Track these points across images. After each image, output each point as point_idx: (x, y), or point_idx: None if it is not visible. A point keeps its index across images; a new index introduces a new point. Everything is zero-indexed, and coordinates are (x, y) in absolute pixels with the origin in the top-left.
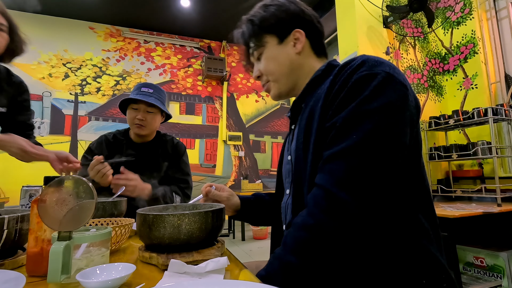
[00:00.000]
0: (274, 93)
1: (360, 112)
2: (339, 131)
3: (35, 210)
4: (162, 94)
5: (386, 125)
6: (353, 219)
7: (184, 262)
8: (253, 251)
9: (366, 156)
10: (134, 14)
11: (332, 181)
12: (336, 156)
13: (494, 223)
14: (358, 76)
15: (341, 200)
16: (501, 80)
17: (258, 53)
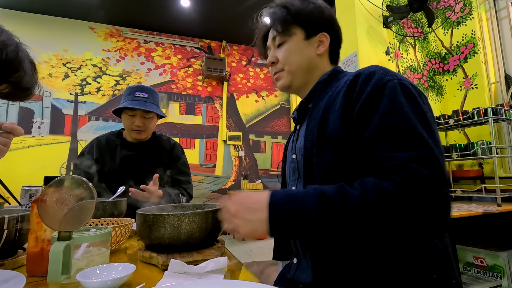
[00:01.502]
0: (284, 83)
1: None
2: (402, 134)
3: (35, 210)
4: (156, 96)
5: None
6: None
7: (184, 262)
8: (253, 251)
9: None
10: (134, 14)
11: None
12: (419, 158)
13: (494, 223)
14: (392, 84)
15: (441, 190)
16: (501, 80)
17: (281, 41)
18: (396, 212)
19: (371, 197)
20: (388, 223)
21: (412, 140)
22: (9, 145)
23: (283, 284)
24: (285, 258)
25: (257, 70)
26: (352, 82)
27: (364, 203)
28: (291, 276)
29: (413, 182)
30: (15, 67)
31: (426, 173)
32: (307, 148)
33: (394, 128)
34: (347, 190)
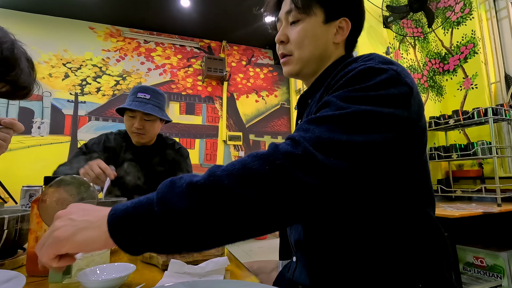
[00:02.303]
0: (292, 70)
1: (358, 95)
2: (328, 105)
3: (35, 210)
4: (161, 98)
5: (380, 112)
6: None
7: (184, 262)
8: (253, 251)
9: (355, 129)
10: (134, 14)
11: (309, 138)
12: (320, 119)
13: (494, 223)
14: (363, 67)
15: (317, 160)
16: (501, 80)
17: (296, 18)
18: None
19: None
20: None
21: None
22: (9, 141)
23: (283, 284)
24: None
25: (257, 70)
26: (340, 69)
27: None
28: (290, 275)
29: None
30: (11, 65)
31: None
32: None
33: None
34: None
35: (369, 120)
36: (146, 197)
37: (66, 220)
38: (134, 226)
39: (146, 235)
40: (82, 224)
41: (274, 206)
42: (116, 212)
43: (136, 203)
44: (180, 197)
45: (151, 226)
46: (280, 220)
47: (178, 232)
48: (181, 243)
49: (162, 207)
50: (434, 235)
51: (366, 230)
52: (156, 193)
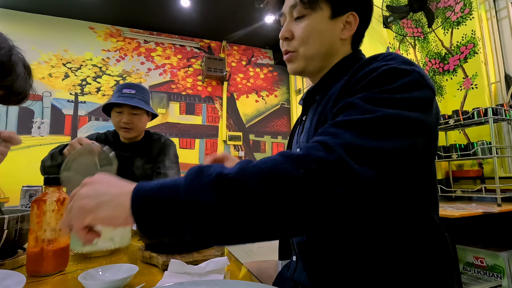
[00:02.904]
0: (297, 68)
1: (384, 97)
2: (354, 106)
3: (35, 210)
4: (145, 93)
5: (406, 116)
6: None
7: (184, 262)
8: (253, 251)
9: (384, 134)
10: (134, 14)
11: (341, 144)
12: (348, 123)
13: (494, 223)
14: (386, 68)
15: (347, 166)
16: (501, 80)
17: (301, 13)
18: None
19: (252, 163)
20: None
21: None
22: (6, 154)
23: (283, 284)
24: (290, 258)
25: (257, 70)
26: (357, 68)
27: (242, 167)
28: (290, 274)
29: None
30: (7, 70)
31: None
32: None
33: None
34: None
35: (396, 125)
36: (172, 181)
37: (91, 190)
38: (157, 210)
39: (167, 221)
40: (105, 197)
41: (299, 213)
42: (140, 191)
43: (162, 185)
44: (208, 187)
45: (174, 213)
46: (301, 227)
47: (200, 222)
48: (201, 233)
49: (188, 194)
50: (436, 240)
51: (369, 233)
52: (184, 178)
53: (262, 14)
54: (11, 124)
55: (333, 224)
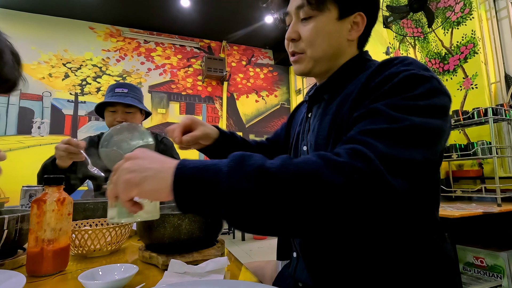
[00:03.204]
0: (303, 70)
1: (409, 104)
2: (379, 114)
3: (35, 210)
4: (138, 92)
5: (431, 124)
6: (379, 203)
7: (184, 262)
8: (253, 251)
9: (414, 144)
10: (134, 14)
11: (375, 154)
12: (377, 132)
13: (494, 223)
14: (407, 74)
15: (380, 175)
16: (501, 80)
17: (308, 14)
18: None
19: (294, 161)
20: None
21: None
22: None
23: (283, 284)
24: (289, 258)
25: (257, 70)
26: (374, 71)
27: (283, 164)
28: (291, 272)
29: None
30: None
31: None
32: (318, 146)
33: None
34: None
35: (424, 134)
36: (214, 164)
37: (135, 165)
38: (197, 189)
39: (205, 201)
40: (149, 172)
41: (330, 216)
42: (183, 168)
43: (204, 166)
44: (248, 177)
45: (213, 195)
46: (326, 230)
47: (236, 208)
48: (235, 218)
49: (229, 180)
50: (438, 238)
51: (374, 232)
52: (227, 164)
53: (262, 14)
54: (11, 124)
55: (359, 230)
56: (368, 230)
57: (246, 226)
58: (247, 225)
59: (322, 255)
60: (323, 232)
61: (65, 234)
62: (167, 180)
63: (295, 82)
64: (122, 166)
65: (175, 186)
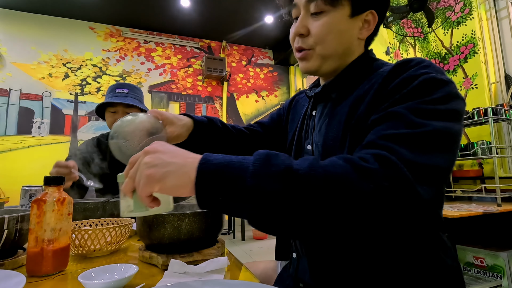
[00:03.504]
0: (309, 67)
1: (429, 109)
2: (399, 118)
3: (35, 210)
4: (138, 92)
5: (451, 128)
6: (405, 208)
7: (184, 262)
8: (253, 251)
9: (437, 150)
10: (134, 14)
11: (402, 162)
12: (400, 137)
13: (494, 223)
14: (426, 77)
15: (407, 179)
16: (501, 80)
17: (320, 9)
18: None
19: (323, 163)
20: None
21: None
22: None
23: (283, 284)
24: (287, 258)
25: (257, 70)
26: (390, 72)
27: (311, 167)
28: (292, 272)
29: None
30: None
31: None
32: (327, 147)
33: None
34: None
35: (446, 140)
36: (238, 161)
37: (156, 159)
38: (221, 185)
39: (227, 198)
40: (171, 167)
41: (357, 223)
42: (207, 164)
43: (229, 163)
44: (275, 177)
45: (238, 193)
46: (351, 235)
47: (261, 208)
48: (259, 217)
49: (255, 180)
50: (441, 238)
51: (392, 236)
52: (252, 163)
53: (262, 14)
54: (11, 124)
55: (380, 235)
56: (389, 235)
57: (268, 226)
58: (269, 226)
59: (327, 256)
60: (346, 236)
61: (65, 234)
62: (190, 176)
63: (295, 82)
64: (142, 160)
65: (197, 182)
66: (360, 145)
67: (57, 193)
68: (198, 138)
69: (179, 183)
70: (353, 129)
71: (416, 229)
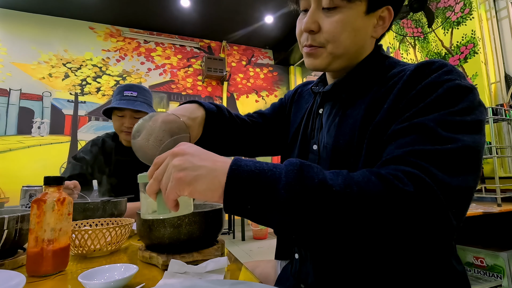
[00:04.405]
0: (318, 64)
1: (456, 121)
2: (427, 131)
3: (35, 210)
4: (147, 95)
5: (479, 142)
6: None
7: (184, 262)
8: (253, 251)
9: (468, 168)
10: (134, 14)
11: (436, 183)
12: (430, 154)
13: (494, 223)
14: (451, 85)
15: (439, 199)
16: (501, 80)
17: (333, 4)
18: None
19: (358, 179)
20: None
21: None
22: None
23: (284, 285)
24: (288, 258)
25: (257, 70)
26: (410, 76)
27: (346, 183)
28: (293, 273)
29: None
30: None
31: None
32: (338, 150)
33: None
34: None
35: (474, 156)
36: (270, 169)
37: (186, 161)
38: (251, 193)
39: (257, 208)
40: (202, 171)
41: (386, 242)
42: (238, 169)
43: (261, 170)
44: (309, 192)
45: (268, 203)
46: (378, 251)
47: (293, 221)
48: (289, 230)
49: (288, 193)
50: (449, 248)
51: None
52: (285, 174)
53: (262, 14)
54: (11, 124)
55: (405, 252)
56: (414, 251)
57: (298, 239)
58: (296, 237)
59: (334, 261)
60: (372, 253)
61: (65, 234)
62: (221, 181)
63: (295, 82)
64: (170, 162)
65: (227, 188)
66: (385, 158)
67: (57, 193)
68: (208, 130)
69: (209, 188)
70: (371, 137)
71: (441, 243)
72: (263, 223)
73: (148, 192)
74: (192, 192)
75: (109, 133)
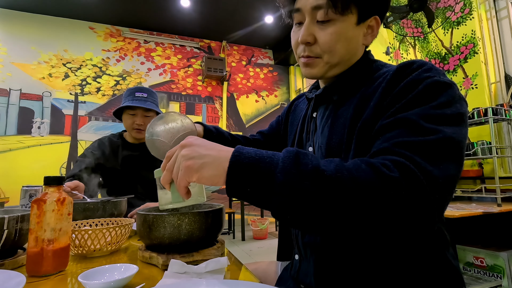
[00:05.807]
0: (315, 73)
1: (437, 113)
2: (410, 124)
3: (35, 210)
4: (155, 97)
5: (460, 133)
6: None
7: (184, 262)
8: (253, 251)
9: (450, 157)
10: (134, 14)
11: (420, 171)
12: (414, 145)
13: (494, 223)
14: (431, 81)
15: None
16: (501, 80)
17: (328, 18)
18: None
19: (350, 165)
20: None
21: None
22: None
23: (284, 285)
24: (289, 259)
25: (257, 70)
26: (393, 75)
27: (339, 168)
28: (293, 274)
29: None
30: None
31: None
32: (332, 149)
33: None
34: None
35: (455, 146)
36: (268, 156)
37: (193, 151)
38: (251, 178)
39: (255, 191)
40: (208, 158)
41: (378, 223)
42: (240, 156)
43: (260, 157)
44: (304, 176)
45: (267, 186)
46: (367, 232)
47: (288, 202)
48: (284, 210)
49: (284, 176)
50: (444, 242)
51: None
52: (282, 160)
53: (262, 14)
54: (11, 124)
55: (392, 237)
56: (399, 233)
57: (292, 219)
58: (291, 218)
59: (333, 259)
60: (361, 233)
61: (65, 234)
62: (224, 167)
63: (295, 82)
64: (179, 153)
65: (229, 172)
66: (373, 151)
67: (57, 193)
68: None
69: (214, 173)
70: (359, 133)
71: (423, 228)
72: (262, 205)
73: (163, 183)
74: (200, 178)
75: (114, 133)
